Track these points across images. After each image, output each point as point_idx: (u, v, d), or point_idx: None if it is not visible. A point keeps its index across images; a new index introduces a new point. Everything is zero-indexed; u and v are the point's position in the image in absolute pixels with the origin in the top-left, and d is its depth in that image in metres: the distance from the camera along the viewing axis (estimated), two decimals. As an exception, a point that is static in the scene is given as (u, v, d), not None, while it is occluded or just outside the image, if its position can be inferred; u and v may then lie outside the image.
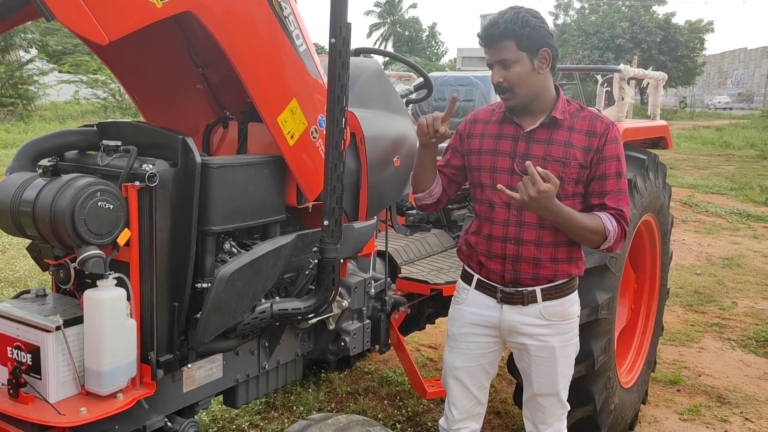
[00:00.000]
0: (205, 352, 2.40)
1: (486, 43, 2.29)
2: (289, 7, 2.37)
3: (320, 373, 4.51)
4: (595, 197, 2.34)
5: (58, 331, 2.00)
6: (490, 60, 2.30)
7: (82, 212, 1.92)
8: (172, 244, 2.15)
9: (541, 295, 2.39)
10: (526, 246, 2.36)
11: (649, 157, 3.60)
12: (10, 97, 23.76)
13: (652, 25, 42.68)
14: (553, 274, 2.39)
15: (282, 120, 2.40)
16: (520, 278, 2.38)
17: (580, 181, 2.34)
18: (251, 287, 2.37)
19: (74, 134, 2.30)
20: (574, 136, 2.32)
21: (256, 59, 2.27)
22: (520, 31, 2.23)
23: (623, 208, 2.33)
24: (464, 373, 2.53)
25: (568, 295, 2.46)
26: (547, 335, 2.42)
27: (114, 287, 2.04)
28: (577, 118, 2.36)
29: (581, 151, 2.31)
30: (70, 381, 2.06)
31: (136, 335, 2.11)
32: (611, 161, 2.32)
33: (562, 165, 2.30)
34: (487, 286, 2.46)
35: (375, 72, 3.14)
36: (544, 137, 2.34)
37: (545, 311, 2.40)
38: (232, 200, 2.32)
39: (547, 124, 2.34)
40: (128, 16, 1.88)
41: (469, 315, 2.50)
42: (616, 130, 2.38)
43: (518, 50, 2.24)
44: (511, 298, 2.41)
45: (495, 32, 2.25)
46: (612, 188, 2.32)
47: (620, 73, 3.38)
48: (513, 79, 2.26)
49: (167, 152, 2.16)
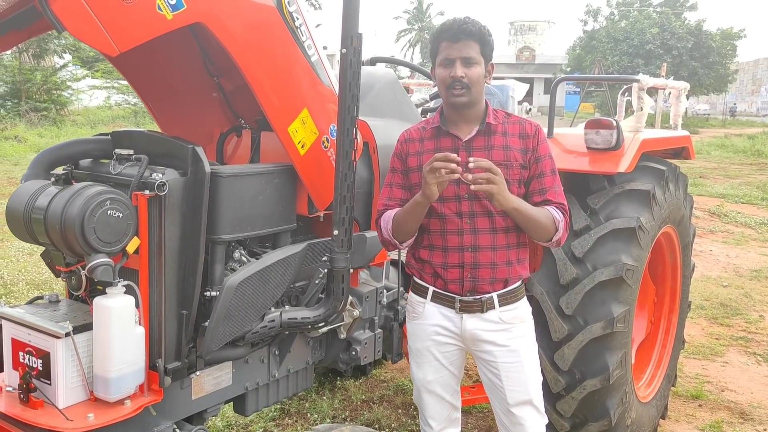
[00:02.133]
0: (214, 360, 2.41)
1: (454, 38, 2.31)
2: (301, 18, 2.38)
3: (336, 380, 4.51)
4: (537, 195, 2.41)
5: (67, 337, 2.03)
6: (454, 55, 2.31)
7: (92, 220, 1.95)
8: (181, 252, 2.17)
9: (498, 301, 2.43)
10: (482, 252, 2.39)
11: (668, 168, 3.55)
12: (44, 101, 24.26)
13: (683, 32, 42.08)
14: (508, 276, 2.43)
15: (293, 130, 2.41)
16: (479, 285, 2.41)
17: (522, 182, 2.41)
18: (260, 296, 2.38)
19: (88, 143, 2.34)
20: (510, 140, 2.40)
21: (267, 69, 2.29)
22: (486, 38, 2.35)
23: (564, 202, 2.43)
24: (437, 385, 2.53)
25: (521, 299, 2.51)
26: (510, 339, 2.45)
27: (123, 295, 2.06)
28: (507, 123, 2.45)
29: (520, 153, 2.39)
30: (79, 387, 2.09)
31: (145, 342, 2.13)
32: (546, 159, 2.42)
33: (506, 167, 2.36)
34: (445, 297, 2.46)
35: (389, 81, 3.15)
36: (483, 144, 2.40)
37: (504, 316, 2.44)
38: (242, 209, 2.34)
39: (483, 131, 2.40)
40: (138, 27, 1.91)
41: (430, 328, 2.49)
42: (543, 131, 2.51)
43: (480, 54, 2.33)
44: (470, 306, 2.42)
45: (468, 29, 2.30)
46: (550, 184, 2.41)
47: (639, 83, 3.34)
48: (473, 78, 2.31)
49: (178, 161, 2.18)
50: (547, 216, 2.35)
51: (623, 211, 3.24)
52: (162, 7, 1.92)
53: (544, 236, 2.39)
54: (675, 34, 41.65)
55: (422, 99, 3.57)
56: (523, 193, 2.41)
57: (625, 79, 3.72)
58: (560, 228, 2.37)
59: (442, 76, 2.35)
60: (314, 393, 4.32)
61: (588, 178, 3.36)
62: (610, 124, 3.15)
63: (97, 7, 1.80)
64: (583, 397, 3.17)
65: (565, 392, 3.21)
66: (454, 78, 2.31)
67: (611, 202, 3.28)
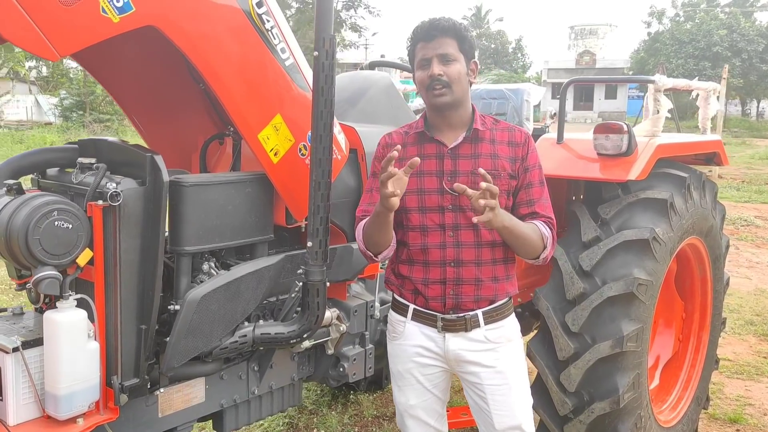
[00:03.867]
0: (181, 376, 2.32)
1: (428, 37, 2.19)
2: (273, 20, 2.28)
3: (349, 394, 4.39)
4: (524, 206, 2.26)
5: (15, 352, 1.97)
6: (430, 54, 2.18)
7: (37, 232, 1.88)
8: (139, 264, 2.09)
9: (483, 319, 2.26)
10: (466, 267, 2.23)
11: (691, 175, 3.29)
12: (107, 113, 25.15)
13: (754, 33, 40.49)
14: (494, 294, 2.27)
15: (263, 137, 2.31)
16: (462, 302, 2.24)
17: (510, 192, 2.26)
18: (228, 310, 2.28)
19: (54, 151, 2.29)
20: (498, 148, 2.26)
21: (232, 74, 2.19)
22: (463, 33, 2.21)
23: (551, 216, 2.28)
24: (420, 410, 2.37)
25: (508, 317, 2.34)
26: (496, 359, 2.28)
27: (74, 308, 2.00)
28: (496, 130, 2.30)
29: (508, 162, 2.25)
30: (31, 404, 2.03)
31: (100, 358, 2.06)
32: (535, 169, 2.29)
33: (493, 177, 2.16)
34: (426, 316, 2.29)
35: (384, 86, 3.02)
36: (469, 152, 2.25)
37: (489, 335, 2.27)
38: (208, 220, 2.25)
39: (469, 138, 2.25)
40: (80, 32, 1.83)
41: (411, 349, 2.33)
42: (533, 140, 2.35)
43: (458, 51, 2.20)
44: (453, 325, 2.26)
45: (442, 25, 2.18)
46: (538, 196, 2.27)
47: (655, 84, 3.10)
48: (453, 75, 2.17)
49: (137, 170, 2.10)
50: (536, 232, 2.20)
51: (637, 222, 3.02)
52: (107, 9, 1.85)
53: (532, 254, 2.23)
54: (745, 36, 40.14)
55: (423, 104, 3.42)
56: (512, 204, 2.26)
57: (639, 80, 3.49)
58: (548, 245, 2.22)
59: (420, 78, 2.22)
60: (326, 407, 4.20)
61: (600, 186, 3.15)
62: (621, 129, 2.93)
63: (33, 11, 1.73)
64: (591, 421, 2.95)
65: (573, 415, 2.99)
66: (432, 77, 2.17)
67: (624, 212, 3.05)
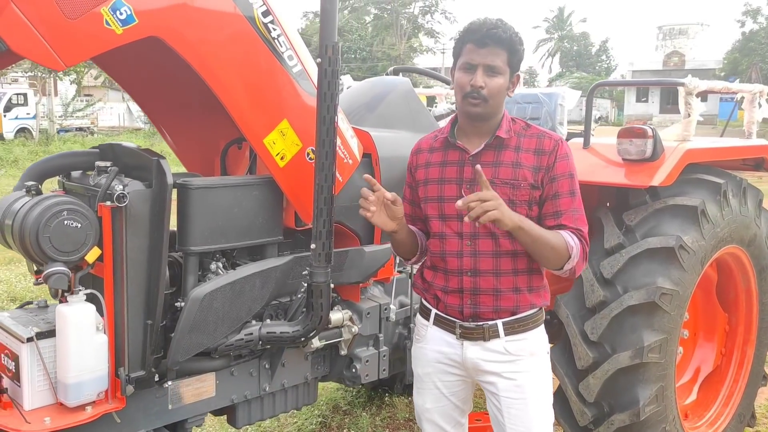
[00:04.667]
0: (189, 370, 2.42)
1: (480, 43, 2.09)
2: (279, 29, 2.35)
3: (385, 396, 4.42)
4: (550, 218, 2.15)
5: (30, 342, 2.11)
6: (477, 60, 2.09)
7: (47, 230, 2.02)
8: (144, 262, 2.19)
9: (504, 330, 2.19)
10: (484, 277, 2.17)
11: (728, 181, 3.15)
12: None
13: None
14: (516, 305, 2.19)
15: (269, 141, 2.38)
16: (480, 312, 2.19)
17: (533, 203, 2.16)
18: (233, 308, 2.36)
19: (77, 155, 2.44)
20: (522, 156, 2.16)
21: (236, 81, 2.27)
22: (516, 47, 2.12)
23: (582, 227, 2.15)
24: (436, 414, 2.35)
25: (533, 329, 2.24)
26: (515, 372, 2.20)
27: (83, 303, 2.12)
28: (524, 137, 2.20)
29: (530, 171, 2.15)
30: (45, 391, 2.17)
31: (109, 350, 2.18)
32: (563, 179, 2.16)
33: (512, 187, 2.14)
34: (446, 321, 2.26)
35: (403, 91, 3.04)
36: (491, 159, 2.18)
37: (509, 346, 2.20)
38: (214, 221, 2.34)
39: (492, 145, 2.19)
40: (85, 43, 1.95)
41: (431, 353, 2.31)
42: (566, 147, 2.20)
43: (506, 64, 2.12)
44: (471, 333, 2.21)
45: (498, 36, 2.07)
46: (566, 207, 2.15)
47: (685, 87, 2.99)
48: (493, 89, 2.10)
49: (145, 173, 2.21)
50: (559, 240, 2.08)
51: (664, 229, 2.92)
52: (110, 22, 1.96)
53: (555, 263, 2.12)
54: None
55: (448, 108, 3.43)
56: (535, 216, 2.16)
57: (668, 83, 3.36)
58: (573, 255, 2.09)
59: (460, 82, 2.14)
60: (360, 408, 4.26)
61: (628, 193, 3.07)
62: (645, 133, 2.85)
63: (40, 24, 1.86)
64: (611, 433, 2.89)
65: (593, 426, 2.94)
66: (473, 86, 2.10)
67: (650, 219, 2.97)
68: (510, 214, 1.99)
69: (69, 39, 1.92)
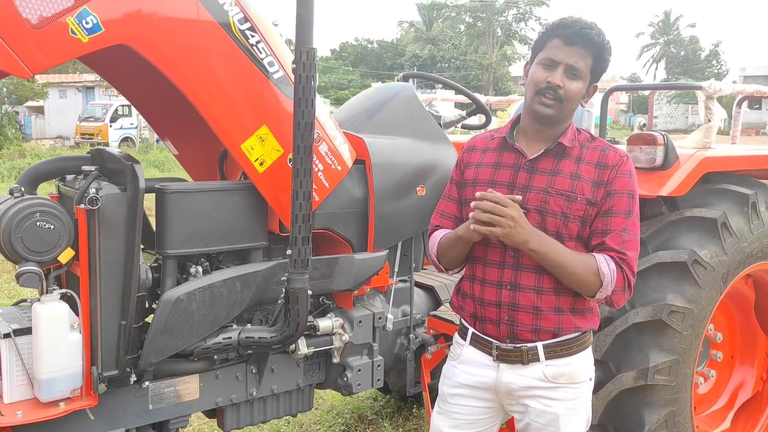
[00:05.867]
0: (169, 371, 2.46)
1: (569, 40, 1.94)
2: (258, 35, 2.36)
3: (413, 407, 4.35)
4: (597, 236, 1.98)
5: (6, 338, 2.20)
6: (560, 58, 1.94)
7: (19, 230, 2.11)
8: (117, 263, 2.25)
9: (544, 353, 2.04)
10: (523, 292, 2.03)
11: (759, 191, 2.89)
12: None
13: None
14: (557, 327, 2.03)
15: (247, 147, 2.40)
16: (518, 331, 2.04)
17: (588, 221, 1.99)
18: (209, 311, 2.38)
19: (70, 160, 2.53)
20: (583, 168, 2.00)
21: (210, 87, 2.30)
22: (604, 55, 1.98)
23: (628, 252, 1.95)
24: None
25: (578, 353, 2.08)
26: (551, 399, 2.06)
27: (57, 302, 2.20)
28: (587, 149, 2.04)
29: (590, 185, 1.98)
30: (24, 385, 2.25)
31: (84, 349, 2.24)
32: (621, 196, 1.98)
33: (567, 199, 1.98)
34: (483, 342, 2.12)
35: (405, 97, 2.98)
36: (549, 167, 2.03)
37: (549, 371, 2.04)
38: (191, 225, 2.37)
39: (552, 151, 2.03)
40: (51, 51, 2.03)
41: (462, 374, 2.17)
42: (631, 164, 2.03)
43: (589, 70, 1.98)
44: (508, 355, 2.06)
45: (590, 37, 1.94)
46: (617, 227, 1.96)
47: (704, 91, 2.76)
48: (571, 93, 1.96)
49: (123, 178, 2.27)
50: (586, 265, 1.93)
51: (678, 242, 2.73)
52: (76, 31, 2.03)
53: (584, 290, 1.97)
54: None
55: (459, 115, 3.33)
56: (587, 234, 2.01)
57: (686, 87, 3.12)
58: (606, 283, 1.93)
59: (536, 77, 1.98)
60: (386, 419, 4.20)
61: (644, 203, 2.88)
62: (655, 140, 2.66)
63: (6, 34, 1.94)
64: (617, 459, 2.71)
65: (598, 450, 2.77)
66: (549, 84, 1.94)
67: (664, 231, 2.77)
68: (522, 237, 1.89)
69: (35, 48, 2.00)
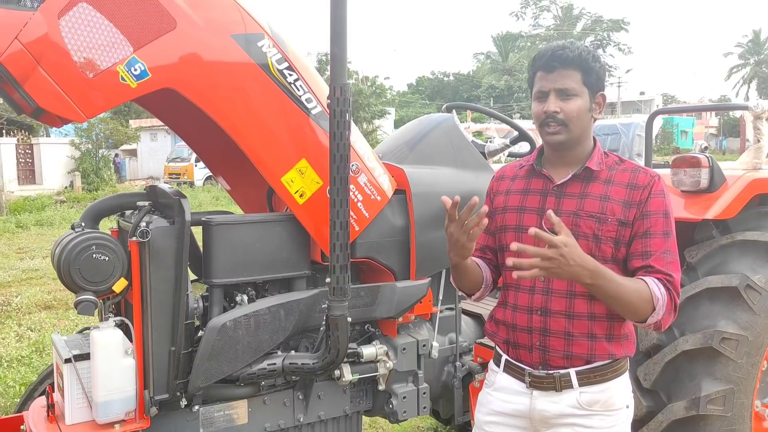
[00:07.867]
0: (218, 396, 2.57)
1: (548, 67, 2.00)
2: (296, 74, 2.49)
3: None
4: (638, 258, 1.96)
5: (68, 363, 2.37)
6: (547, 87, 2.00)
7: (77, 262, 2.28)
8: (167, 292, 2.39)
9: (577, 380, 2.02)
10: (554, 318, 2.03)
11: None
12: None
13: None
14: (590, 353, 2.01)
15: (287, 180, 2.51)
16: (550, 357, 2.05)
17: (621, 242, 1.98)
18: (254, 338, 2.48)
19: (128, 196, 2.72)
20: (612, 189, 2.00)
21: (250, 125, 2.43)
22: (590, 65, 2.00)
23: (674, 273, 1.93)
24: None
25: (613, 380, 2.05)
26: (586, 427, 2.03)
27: (112, 329, 2.35)
28: (616, 171, 2.04)
29: (620, 206, 1.98)
30: (84, 408, 2.41)
31: (137, 373, 2.38)
32: (657, 217, 1.97)
33: (598, 221, 1.98)
34: (516, 368, 2.13)
35: (446, 127, 3.04)
36: (578, 191, 2.04)
37: (583, 399, 2.03)
38: (235, 255, 2.49)
39: (580, 176, 2.04)
40: (103, 97, 2.22)
41: (496, 402, 2.17)
42: (663, 184, 2.01)
43: (582, 84, 2.00)
44: (541, 382, 2.06)
45: (565, 56, 1.98)
46: (658, 248, 1.95)
47: (752, 111, 2.67)
48: (571, 113, 1.98)
49: (172, 211, 2.43)
50: (641, 290, 1.90)
51: (731, 267, 2.64)
52: (126, 77, 2.21)
53: (635, 316, 1.94)
54: None
55: (502, 143, 3.34)
56: (623, 257, 2.00)
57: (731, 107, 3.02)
58: (658, 308, 1.90)
59: (535, 112, 2.05)
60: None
61: (693, 227, 2.81)
62: (699, 162, 2.59)
63: (64, 83, 2.14)
64: (671, 493, 2.61)
65: (652, 484, 2.67)
66: (546, 113, 2.00)
67: (715, 255, 2.69)
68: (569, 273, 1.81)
69: (89, 94, 2.18)
